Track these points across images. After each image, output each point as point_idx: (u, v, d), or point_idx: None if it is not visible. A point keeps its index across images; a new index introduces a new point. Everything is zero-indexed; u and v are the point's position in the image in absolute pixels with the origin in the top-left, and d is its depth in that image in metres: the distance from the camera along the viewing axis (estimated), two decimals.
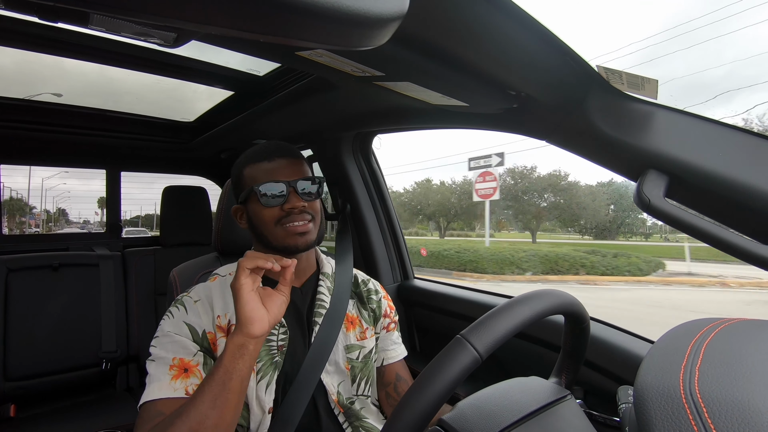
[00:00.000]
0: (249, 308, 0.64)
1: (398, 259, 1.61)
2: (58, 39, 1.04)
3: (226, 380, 0.62)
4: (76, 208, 34.22)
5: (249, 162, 0.81)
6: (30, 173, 23.26)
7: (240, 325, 0.64)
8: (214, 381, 0.62)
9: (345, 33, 0.34)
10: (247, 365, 0.64)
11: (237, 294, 0.65)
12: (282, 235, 0.77)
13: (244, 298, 0.64)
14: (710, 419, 0.28)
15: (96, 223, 29.87)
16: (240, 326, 0.64)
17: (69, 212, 32.57)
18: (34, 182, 28.20)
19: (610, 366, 0.88)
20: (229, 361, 0.63)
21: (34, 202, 27.70)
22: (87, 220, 31.71)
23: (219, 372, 0.62)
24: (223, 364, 0.63)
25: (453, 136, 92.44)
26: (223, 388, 0.62)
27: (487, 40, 0.58)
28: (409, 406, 0.42)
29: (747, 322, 0.38)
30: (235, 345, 0.63)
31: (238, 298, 0.64)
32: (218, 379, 0.62)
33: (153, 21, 0.32)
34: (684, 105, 0.63)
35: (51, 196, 29.70)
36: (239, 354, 0.63)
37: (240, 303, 0.64)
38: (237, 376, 0.63)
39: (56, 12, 0.34)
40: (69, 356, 1.69)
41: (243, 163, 0.82)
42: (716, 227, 0.59)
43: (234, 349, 0.63)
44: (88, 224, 30.42)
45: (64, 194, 30.42)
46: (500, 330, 0.46)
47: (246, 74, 1.30)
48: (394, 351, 0.93)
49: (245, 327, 0.64)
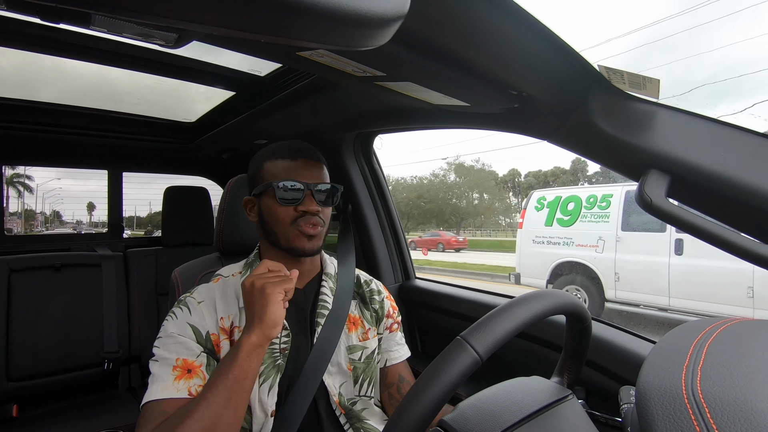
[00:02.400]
0: (279, 314, 0.67)
1: (399, 259, 1.61)
2: (59, 40, 1.04)
3: (241, 379, 0.64)
4: (69, 209, 35.39)
5: (271, 157, 0.81)
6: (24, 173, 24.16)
7: (263, 326, 0.66)
8: (228, 380, 0.63)
9: (346, 33, 0.34)
10: (258, 364, 0.67)
11: (268, 298, 0.66)
12: (292, 236, 0.78)
13: (278, 304, 0.67)
14: (712, 419, 0.28)
15: (87, 223, 32.24)
16: (262, 327, 0.66)
17: (63, 213, 33.87)
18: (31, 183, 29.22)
19: (612, 366, 0.88)
20: (244, 360, 0.64)
21: (29, 202, 29.23)
22: (80, 220, 33.30)
23: (234, 370, 0.64)
24: (239, 362, 0.64)
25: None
26: (239, 387, 0.63)
27: (489, 40, 0.58)
28: (409, 409, 0.42)
29: (750, 322, 0.38)
30: (251, 345, 0.65)
31: (268, 302, 0.66)
32: (233, 377, 0.63)
33: (154, 22, 0.32)
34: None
35: (45, 197, 31.08)
36: (255, 354, 0.66)
37: (270, 308, 0.66)
38: (251, 374, 0.65)
39: (58, 13, 0.34)
40: (71, 356, 1.69)
41: (265, 156, 0.82)
42: (718, 227, 0.59)
43: (251, 349, 0.65)
44: (80, 224, 32.37)
45: (56, 194, 31.89)
46: (500, 331, 0.46)
47: (247, 74, 1.30)
48: (397, 352, 0.92)
49: (268, 329, 0.66)
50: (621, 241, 4.93)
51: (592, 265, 5.12)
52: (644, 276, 4.70)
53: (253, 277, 0.69)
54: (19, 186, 27.36)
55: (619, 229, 4.94)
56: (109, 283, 1.82)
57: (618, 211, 4.95)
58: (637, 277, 4.76)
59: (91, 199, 32.61)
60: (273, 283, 0.67)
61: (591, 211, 5.21)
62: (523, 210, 6.05)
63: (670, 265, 4.50)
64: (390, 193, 1.63)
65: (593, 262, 5.11)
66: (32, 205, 30.39)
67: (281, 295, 0.68)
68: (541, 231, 5.63)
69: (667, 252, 4.52)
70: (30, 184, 28.13)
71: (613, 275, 4.94)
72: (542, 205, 5.72)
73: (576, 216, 5.32)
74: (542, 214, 5.67)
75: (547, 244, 5.54)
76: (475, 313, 1.24)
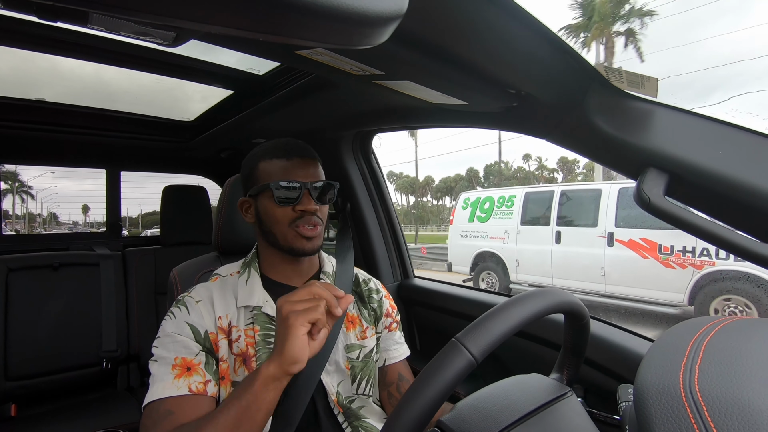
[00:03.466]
0: (299, 348, 0.60)
1: (398, 258, 1.61)
2: (56, 38, 1.04)
3: (254, 410, 0.60)
4: (66, 209, 36.36)
5: (266, 156, 0.80)
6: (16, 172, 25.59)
7: (282, 360, 0.61)
8: (240, 404, 0.60)
9: (345, 32, 0.34)
10: (275, 397, 0.62)
11: (289, 331, 0.60)
12: (291, 237, 0.77)
13: (299, 338, 0.60)
14: (710, 417, 0.28)
15: (83, 223, 34.11)
16: (281, 361, 0.61)
17: (59, 214, 35.01)
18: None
19: (611, 364, 0.88)
20: (260, 390, 0.61)
21: (30, 207, 31.30)
22: (76, 221, 34.59)
23: (247, 397, 0.61)
24: (254, 389, 0.60)
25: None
26: (248, 415, 0.60)
27: (487, 38, 0.58)
28: (405, 412, 0.42)
29: (747, 321, 0.38)
30: (270, 376, 0.61)
31: (290, 335, 0.60)
32: (245, 403, 0.60)
33: (152, 20, 0.32)
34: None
35: (40, 197, 32.46)
36: (273, 387, 0.61)
37: (291, 341, 0.60)
38: (265, 407, 0.61)
39: (55, 11, 0.34)
40: (69, 356, 1.69)
41: (259, 156, 0.81)
42: (716, 225, 0.59)
43: (268, 380, 0.61)
44: (77, 225, 34.00)
45: (52, 194, 32.97)
46: (496, 332, 0.45)
47: (246, 73, 1.30)
48: (396, 351, 0.92)
49: (288, 365, 0.60)
50: (520, 233, 6.23)
51: (500, 254, 6.46)
52: (535, 261, 5.97)
53: (282, 299, 0.63)
54: (23, 195, 31.59)
55: (519, 223, 6.27)
56: (108, 283, 1.81)
57: (519, 209, 6.27)
58: (531, 262, 6.06)
59: (87, 200, 33.80)
60: (297, 313, 0.60)
61: (501, 210, 6.54)
62: (453, 209, 7.39)
63: (552, 252, 5.75)
64: (389, 194, 1.63)
65: (501, 251, 6.46)
66: (32, 209, 32.94)
67: (305, 329, 0.61)
68: (466, 226, 6.94)
69: (551, 242, 5.76)
70: (32, 192, 31.91)
71: (515, 261, 6.28)
72: (467, 205, 7.04)
73: (490, 213, 6.68)
74: (467, 212, 6.98)
75: (470, 237, 6.86)
76: (473, 311, 1.24)
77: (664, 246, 4.75)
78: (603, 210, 5.30)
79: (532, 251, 6.02)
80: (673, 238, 4.68)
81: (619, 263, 5.05)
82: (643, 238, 4.92)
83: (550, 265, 5.75)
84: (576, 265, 5.41)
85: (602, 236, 5.23)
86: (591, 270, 5.23)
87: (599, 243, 5.24)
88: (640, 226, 4.93)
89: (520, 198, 6.30)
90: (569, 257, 5.53)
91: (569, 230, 5.68)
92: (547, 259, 5.80)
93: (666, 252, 4.75)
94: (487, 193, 6.98)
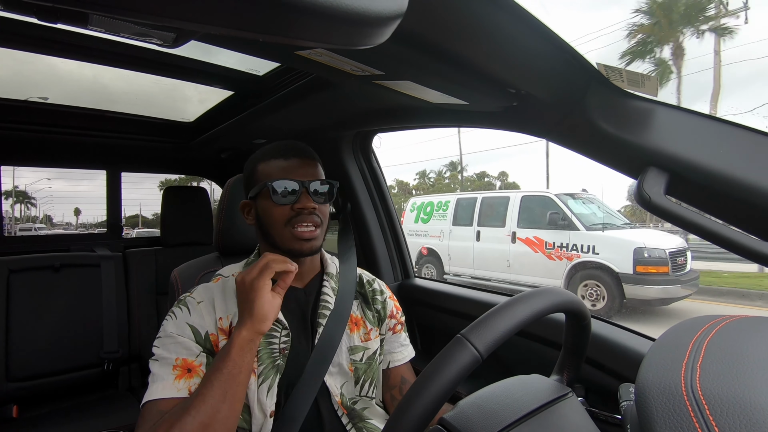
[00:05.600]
0: (267, 307, 0.68)
1: (399, 258, 1.61)
2: (56, 40, 1.04)
3: (235, 373, 0.65)
4: (60, 210, 37.27)
5: (264, 158, 0.81)
6: (13, 176, 26.04)
7: (253, 320, 0.67)
8: (223, 375, 0.64)
9: (344, 32, 0.34)
10: (252, 359, 0.68)
11: (257, 291, 0.67)
12: (288, 238, 0.77)
13: (265, 297, 0.68)
14: (712, 416, 0.28)
15: (76, 225, 35.53)
16: (252, 322, 0.67)
17: (53, 216, 36.06)
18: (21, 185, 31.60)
19: (612, 364, 0.88)
20: (237, 355, 0.65)
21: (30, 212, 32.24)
22: (69, 222, 35.86)
23: (228, 365, 0.65)
24: (231, 357, 0.65)
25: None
26: (233, 381, 0.65)
27: (487, 38, 0.58)
28: (409, 407, 0.42)
29: (749, 319, 0.38)
30: (243, 339, 0.66)
31: (258, 295, 0.67)
32: (227, 372, 0.64)
33: (152, 21, 0.32)
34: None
35: (36, 198, 33.58)
36: (248, 348, 0.67)
37: (259, 300, 0.67)
38: (245, 369, 0.66)
39: (55, 13, 0.34)
40: (71, 356, 1.69)
41: (258, 158, 0.82)
42: (716, 224, 0.59)
43: (243, 344, 0.66)
44: (70, 226, 35.22)
45: (47, 195, 33.93)
46: (500, 329, 0.46)
47: (245, 74, 1.30)
48: (400, 353, 0.92)
49: (258, 323, 0.67)
50: (452, 232, 7.64)
51: (437, 250, 7.87)
52: (462, 255, 7.39)
53: (240, 275, 0.70)
54: (27, 203, 33.34)
55: (451, 224, 7.68)
56: (109, 284, 1.81)
57: (451, 212, 7.72)
58: (458, 256, 7.46)
59: (83, 201, 34.94)
60: (256, 277, 0.68)
61: (438, 212, 7.98)
62: (403, 212, 8.86)
63: (474, 248, 7.19)
64: (390, 193, 1.63)
65: (438, 248, 7.86)
66: (32, 212, 33.90)
67: (268, 286, 0.68)
68: (412, 227, 8.29)
69: (473, 239, 7.22)
70: (34, 202, 33.47)
71: (447, 256, 7.66)
72: (414, 208, 8.53)
73: (430, 216, 8.12)
74: (413, 214, 8.44)
75: (415, 236, 8.13)
76: (474, 311, 1.24)
77: (549, 242, 6.17)
78: (509, 213, 6.75)
79: (460, 247, 7.42)
80: (554, 236, 6.10)
81: (519, 257, 6.53)
82: (535, 236, 6.33)
83: (472, 258, 7.19)
84: (490, 258, 6.93)
85: (508, 235, 6.68)
86: (500, 262, 6.75)
87: (506, 240, 6.69)
88: (533, 227, 6.41)
89: (453, 203, 7.81)
90: (485, 252, 7.02)
91: (486, 230, 7.12)
92: (470, 253, 7.21)
93: (550, 248, 6.15)
94: (429, 199, 8.59)
